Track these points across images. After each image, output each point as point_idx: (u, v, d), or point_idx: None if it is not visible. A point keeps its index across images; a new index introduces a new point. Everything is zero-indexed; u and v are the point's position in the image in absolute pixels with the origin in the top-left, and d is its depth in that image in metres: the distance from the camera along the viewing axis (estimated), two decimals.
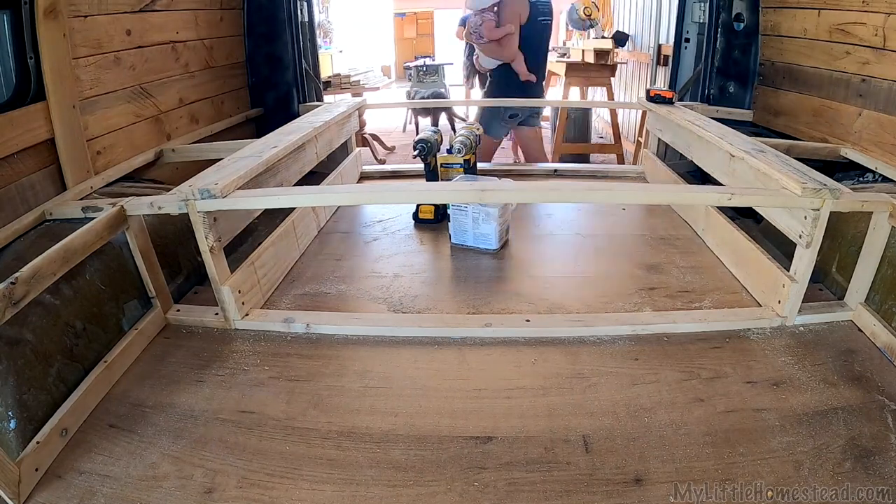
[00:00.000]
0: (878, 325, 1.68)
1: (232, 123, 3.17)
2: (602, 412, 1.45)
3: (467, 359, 1.69)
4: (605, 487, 1.23)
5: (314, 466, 1.30)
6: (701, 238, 2.44)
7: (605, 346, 1.72)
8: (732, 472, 1.26)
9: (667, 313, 1.86)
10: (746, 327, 1.79)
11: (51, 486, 1.25)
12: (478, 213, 2.26)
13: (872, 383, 1.53)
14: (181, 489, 1.24)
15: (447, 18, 15.64)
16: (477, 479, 1.26)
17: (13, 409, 1.28)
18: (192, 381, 1.58)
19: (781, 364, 1.62)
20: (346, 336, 1.79)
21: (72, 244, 1.50)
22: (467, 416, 1.45)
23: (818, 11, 2.67)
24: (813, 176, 1.73)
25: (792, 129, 2.90)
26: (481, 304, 1.95)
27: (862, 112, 2.42)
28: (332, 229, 2.62)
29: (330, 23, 10.26)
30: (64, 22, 1.95)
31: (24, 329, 1.37)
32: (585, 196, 1.99)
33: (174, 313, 1.86)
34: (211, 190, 1.66)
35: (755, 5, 3.15)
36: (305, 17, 3.57)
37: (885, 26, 2.24)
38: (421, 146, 2.56)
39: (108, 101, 2.23)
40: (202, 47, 2.93)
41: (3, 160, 1.76)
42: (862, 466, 1.26)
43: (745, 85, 3.27)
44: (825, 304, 1.86)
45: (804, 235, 1.70)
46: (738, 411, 1.44)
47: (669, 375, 1.59)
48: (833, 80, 2.60)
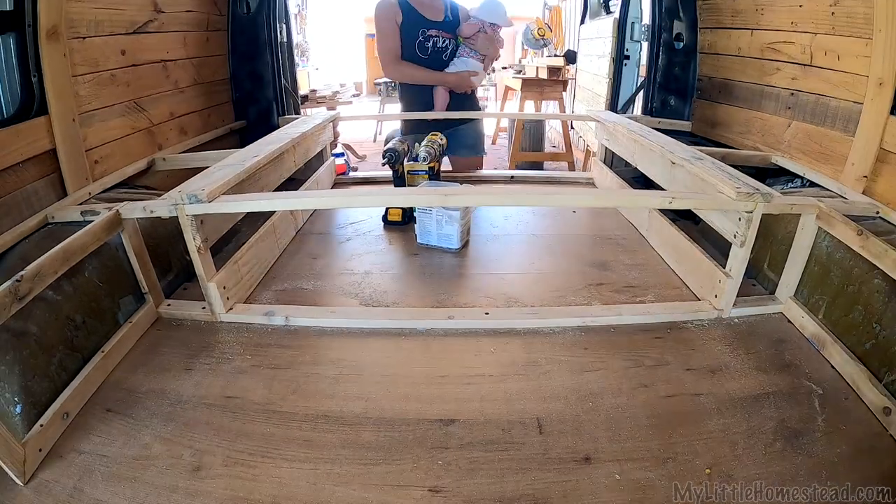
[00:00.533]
0: (805, 317, 1.72)
1: (218, 135, 3.15)
2: (554, 397, 1.47)
3: (432, 348, 1.70)
4: (557, 465, 1.25)
5: (292, 447, 1.31)
6: (645, 238, 2.46)
7: (558, 337, 1.74)
8: (673, 451, 1.29)
9: (613, 307, 1.88)
10: (686, 319, 1.82)
11: (53, 464, 1.26)
12: (441, 215, 2.28)
13: (801, 370, 1.56)
14: (171, 467, 1.25)
15: None
16: (441, 458, 1.27)
17: (19, 395, 1.29)
18: (182, 370, 1.59)
19: (718, 353, 1.65)
20: (322, 328, 1.80)
21: (72, 245, 1.52)
22: (432, 400, 1.47)
23: (751, 31, 2.72)
24: (746, 181, 1.78)
25: (727, 138, 2.94)
26: (445, 298, 1.97)
27: (791, 123, 2.46)
28: (308, 231, 2.62)
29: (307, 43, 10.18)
30: (64, 43, 1.95)
31: (28, 322, 1.38)
32: (540, 200, 2.01)
33: (165, 307, 1.87)
34: (198, 195, 1.67)
35: (694, 26, 3.17)
36: (284, 38, 3.54)
37: (811, 45, 2.29)
38: (389, 155, 2.58)
39: (105, 114, 2.23)
40: (190, 66, 2.92)
41: (10, 169, 1.76)
42: (791, 446, 1.29)
43: (684, 98, 3.30)
44: (758, 298, 1.90)
45: (738, 235, 1.74)
46: (679, 396, 1.47)
47: (616, 363, 1.61)
48: (765, 93, 2.65)
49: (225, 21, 3.28)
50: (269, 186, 2.30)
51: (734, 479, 1.21)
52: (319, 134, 3.03)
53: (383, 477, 1.23)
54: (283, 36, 3.52)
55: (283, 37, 3.52)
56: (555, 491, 1.19)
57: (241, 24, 3.31)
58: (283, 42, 3.54)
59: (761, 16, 2.61)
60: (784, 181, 2.40)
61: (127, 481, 1.21)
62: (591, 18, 4.91)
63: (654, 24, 3.39)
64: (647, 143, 2.40)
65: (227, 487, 1.20)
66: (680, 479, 1.20)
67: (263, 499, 1.18)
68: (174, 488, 1.20)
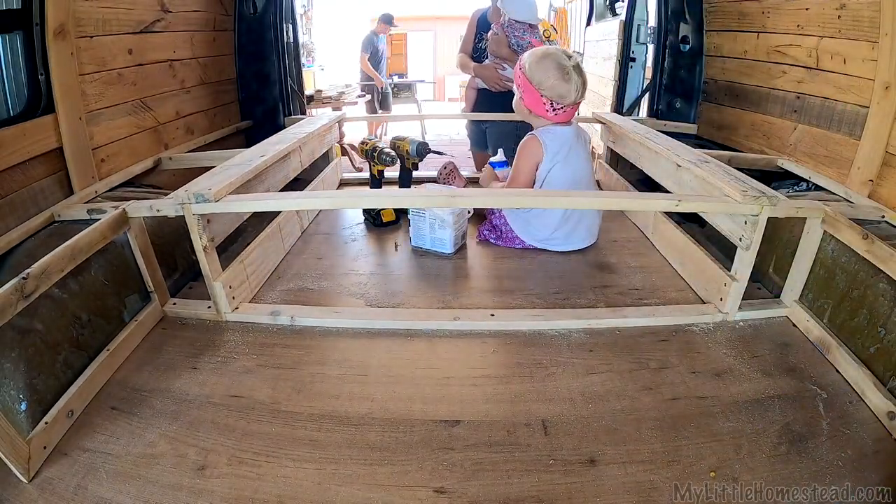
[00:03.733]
0: (811, 321, 1.71)
1: (224, 134, 3.17)
2: (559, 399, 1.46)
3: (437, 349, 1.70)
4: (562, 467, 1.25)
5: (297, 446, 1.31)
6: (650, 240, 2.45)
7: (563, 339, 1.73)
8: (678, 453, 1.28)
9: (619, 309, 1.87)
10: (691, 322, 1.81)
11: (58, 462, 1.26)
12: (434, 219, 2.26)
13: (805, 374, 1.55)
14: (176, 466, 1.25)
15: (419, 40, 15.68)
16: (445, 459, 1.27)
17: (24, 393, 1.29)
18: (187, 368, 1.59)
19: (723, 356, 1.64)
20: (327, 328, 1.80)
21: (78, 243, 1.52)
22: (437, 401, 1.46)
23: (757, 34, 2.72)
24: (752, 184, 1.76)
25: (733, 141, 2.94)
26: (450, 299, 1.96)
27: (797, 126, 2.46)
28: (314, 231, 2.61)
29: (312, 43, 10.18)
30: (71, 42, 1.96)
31: (34, 320, 1.38)
32: (545, 202, 2.00)
33: (171, 306, 1.87)
34: (205, 195, 1.67)
35: (700, 28, 3.18)
36: (290, 38, 3.55)
37: (818, 48, 2.29)
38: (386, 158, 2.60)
39: (112, 113, 2.24)
40: (197, 65, 2.94)
41: (17, 167, 1.77)
42: (796, 449, 1.28)
43: (690, 101, 3.30)
44: (763, 302, 1.89)
45: (744, 238, 1.73)
46: (684, 399, 1.46)
47: (621, 365, 1.60)
48: (771, 97, 2.65)
49: (231, 21, 3.30)
50: (274, 186, 2.30)
51: (739, 482, 1.20)
52: (325, 134, 3.04)
53: (388, 477, 1.23)
54: (289, 36, 3.54)
55: (289, 37, 3.54)
56: (559, 492, 1.19)
57: (247, 24, 3.33)
58: (290, 42, 3.56)
59: (767, 19, 2.61)
60: (790, 185, 2.38)
61: (131, 479, 1.21)
62: (597, 20, 4.92)
63: (660, 26, 3.40)
64: (652, 146, 2.39)
65: (232, 486, 1.20)
66: (684, 482, 1.20)
67: (268, 498, 1.18)
68: (179, 487, 1.20)
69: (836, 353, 1.58)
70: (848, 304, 1.62)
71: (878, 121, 1.95)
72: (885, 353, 1.46)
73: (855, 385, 1.48)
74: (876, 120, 1.96)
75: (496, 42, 3.36)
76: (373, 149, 2.65)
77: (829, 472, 1.22)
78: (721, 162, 2.06)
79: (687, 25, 3.22)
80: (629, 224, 2.65)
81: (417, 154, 2.58)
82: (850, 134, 2.11)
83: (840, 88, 2.18)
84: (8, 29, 1.81)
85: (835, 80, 2.21)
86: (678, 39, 3.27)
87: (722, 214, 1.85)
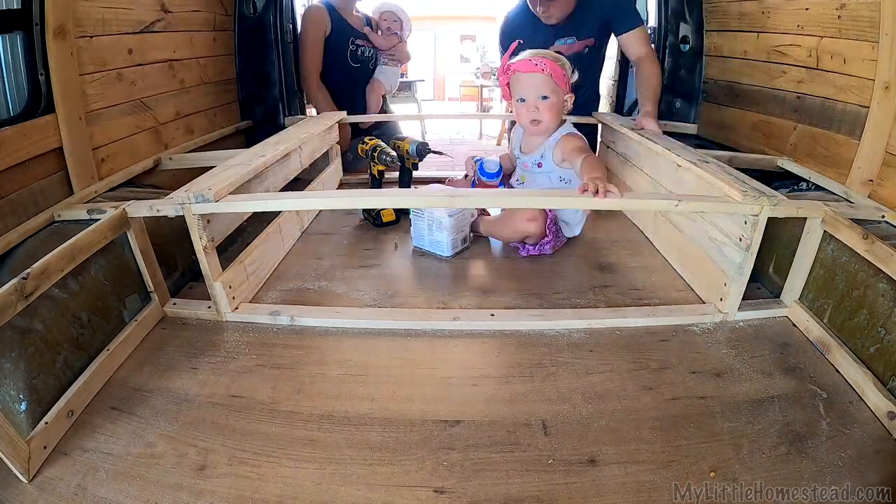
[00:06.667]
0: (811, 321, 1.72)
1: (224, 134, 3.17)
2: (560, 399, 1.46)
3: (437, 349, 1.70)
4: (562, 467, 1.24)
5: (297, 446, 1.31)
6: (650, 240, 2.46)
7: (563, 339, 1.73)
8: (678, 453, 1.28)
9: (618, 309, 1.87)
10: (691, 322, 1.81)
11: (58, 462, 1.26)
12: (432, 221, 2.26)
13: (805, 374, 1.55)
14: (176, 466, 1.25)
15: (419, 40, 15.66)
16: (445, 459, 1.27)
17: (24, 393, 1.29)
18: (187, 368, 1.59)
19: (723, 356, 1.64)
20: (327, 328, 1.80)
21: (78, 243, 1.52)
22: (437, 401, 1.46)
23: (757, 34, 2.72)
24: (752, 184, 1.76)
25: (733, 141, 2.93)
26: (450, 299, 1.96)
27: (797, 126, 2.46)
28: (314, 231, 2.62)
29: None
30: (71, 42, 1.95)
31: (34, 320, 1.38)
32: (544, 202, 2.00)
33: (171, 306, 1.87)
34: (205, 195, 1.67)
35: (700, 28, 3.18)
36: (291, 38, 3.57)
37: (818, 48, 2.29)
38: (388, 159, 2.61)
39: (112, 113, 2.23)
40: (197, 65, 2.93)
41: (17, 167, 1.76)
42: (796, 449, 1.28)
43: (690, 101, 3.30)
44: (763, 302, 1.89)
45: (744, 238, 1.72)
46: (684, 399, 1.46)
47: (621, 365, 1.60)
48: (771, 97, 2.64)
49: (231, 21, 3.30)
50: (275, 186, 2.30)
51: (738, 482, 1.20)
52: (325, 135, 3.03)
53: (388, 477, 1.23)
54: (289, 36, 3.53)
55: (289, 37, 3.53)
56: (560, 492, 1.18)
57: (247, 24, 3.33)
58: (290, 42, 3.55)
59: (767, 19, 2.61)
60: (790, 185, 2.38)
61: (132, 479, 1.21)
62: None
63: (660, 26, 3.41)
64: (652, 146, 2.38)
65: (232, 486, 1.20)
66: (684, 482, 1.20)
67: (268, 498, 1.17)
68: (179, 487, 1.19)
69: (836, 353, 1.58)
70: (848, 304, 1.62)
71: (878, 121, 1.95)
72: (885, 353, 1.45)
73: (855, 385, 1.48)
74: (876, 120, 1.96)
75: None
76: (373, 149, 2.65)
77: (829, 472, 1.22)
78: (721, 162, 2.06)
79: (687, 25, 3.22)
80: (629, 224, 2.65)
81: (417, 154, 2.58)
82: (850, 134, 2.11)
83: (840, 88, 2.17)
84: (8, 29, 1.81)
85: (835, 80, 2.20)
86: (678, 39, 3.27)
87: (722, 214, 1.84)
